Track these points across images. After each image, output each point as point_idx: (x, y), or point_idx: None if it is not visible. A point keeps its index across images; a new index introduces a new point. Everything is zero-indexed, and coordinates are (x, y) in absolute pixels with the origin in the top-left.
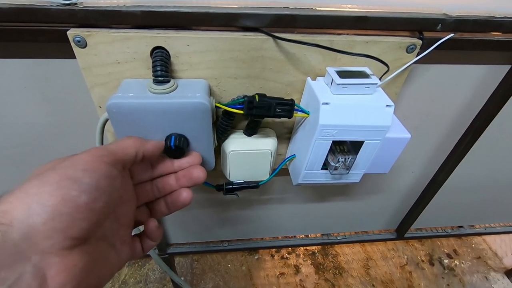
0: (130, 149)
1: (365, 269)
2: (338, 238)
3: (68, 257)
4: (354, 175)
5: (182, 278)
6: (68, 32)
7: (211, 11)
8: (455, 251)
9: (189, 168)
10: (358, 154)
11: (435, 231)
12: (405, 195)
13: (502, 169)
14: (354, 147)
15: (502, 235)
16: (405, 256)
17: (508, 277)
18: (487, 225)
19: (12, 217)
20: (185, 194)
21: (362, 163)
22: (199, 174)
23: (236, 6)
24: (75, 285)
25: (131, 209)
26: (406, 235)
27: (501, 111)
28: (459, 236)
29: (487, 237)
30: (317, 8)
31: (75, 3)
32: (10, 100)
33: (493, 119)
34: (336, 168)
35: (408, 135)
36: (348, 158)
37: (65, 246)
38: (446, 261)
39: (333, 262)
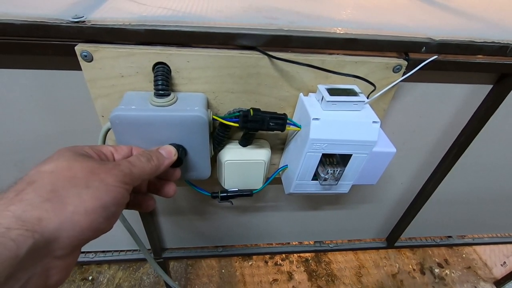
0: (146, 176)
1: (357, 277)
2: (330, 245)
3: (68, 259)
4: (343, 186)
5: (177, 283)
6: (76, 47)
7: (210, 30)
8: (446, 260)
9: (163, 182)
10: (346, 167)
11: (424, 240)
12: (395, 205)
13: (487, 182)
14: (343, 159)
15: (492, 246)
16: (397, 265)
17: None
18: (475, 235)
19: (45, 227)
20: (151, 203)
21: (351, 175)
22: (169, 190)
23: (234, 26)
24: (67, 278)
25: None
26: (396, 244)
27: (484, 127)
28: (448, 246)
29: (477, 247)
30: (310, 30)
31: (83, 21)
32: (17, 108)
33: (477, 134)
34: (325, 179)
35: (394, 150)
36: (337, 170)
37: (72, 253)
38: (437, 270)
39: (326, 270)
